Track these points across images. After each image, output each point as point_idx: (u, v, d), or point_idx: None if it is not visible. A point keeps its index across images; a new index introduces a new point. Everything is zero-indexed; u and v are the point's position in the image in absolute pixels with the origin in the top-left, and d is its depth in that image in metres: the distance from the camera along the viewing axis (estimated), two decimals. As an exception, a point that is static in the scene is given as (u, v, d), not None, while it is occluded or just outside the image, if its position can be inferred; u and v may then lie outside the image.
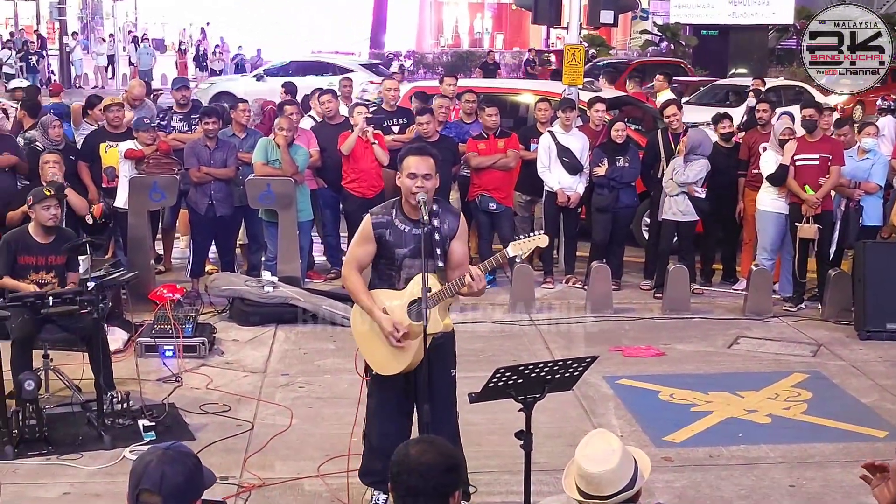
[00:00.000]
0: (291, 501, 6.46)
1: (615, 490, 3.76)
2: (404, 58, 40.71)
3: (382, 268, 5.90)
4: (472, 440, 6.53)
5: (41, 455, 6.91)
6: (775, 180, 10.54)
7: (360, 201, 10.86)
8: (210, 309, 10.30)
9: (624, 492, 3.76)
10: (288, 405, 7.96)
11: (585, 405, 7.99)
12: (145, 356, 8.80)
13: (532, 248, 5.76)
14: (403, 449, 3.56)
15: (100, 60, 39.22)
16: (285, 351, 9.31)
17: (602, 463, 3.77)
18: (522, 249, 5.72)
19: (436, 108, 11.55)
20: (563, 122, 11.35)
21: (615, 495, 3.75)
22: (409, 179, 5.70)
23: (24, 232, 8.13)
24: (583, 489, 3.80)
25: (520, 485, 5.54)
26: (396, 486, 3.48)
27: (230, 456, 7.00)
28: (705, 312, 10.63)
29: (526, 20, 51.03)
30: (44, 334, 7.74)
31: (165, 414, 7.59)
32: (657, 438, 7.40)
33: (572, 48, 12.87)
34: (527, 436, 5.26)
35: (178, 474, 3.37)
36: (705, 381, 8.63)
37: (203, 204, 10.66)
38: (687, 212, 10.97)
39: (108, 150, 10.91)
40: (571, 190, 11.25)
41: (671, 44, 36.35)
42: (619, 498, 3.76)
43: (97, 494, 6.48)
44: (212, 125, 10.64)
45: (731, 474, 6.85)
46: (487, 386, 5.17)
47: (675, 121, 11.34)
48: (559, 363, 5.30)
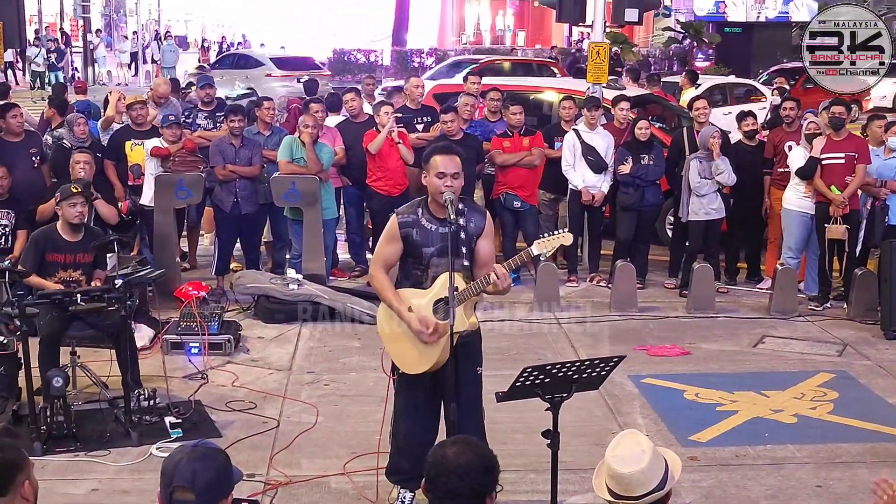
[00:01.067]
0: (318, 499, 6.47)
1: (645, 490, 3.76)
2: (426, 55, 40.73)
3: (409, 267, 5.91)
4: (497, 438, 6.53)
5: (69, 451, 6.96)
6: (805, 173, 10.47)
7: (385, 199, 10.91)
8: (235, 306, 10.33)
9: (655, 492, 3.76)
10: (313, 403, 7.99)
11: (611, 404, 7.99)
12: (171, 353, 8.83)
13: (556, 246, 5.75)
14: (440, 450, 3.55)
15: (123, 58, 39.39)
16: (310, 348, 9.34)
17: (633, 463, 3.77)
18: (547, 248, 5.71)
19: (460, 107, 11.55)
20: (588, 120, 11.34)
21: (646, 496, 3.75)
22: (436, 178, 5.70)
23: (52, 230, 8.18)
24: (613, 489, 3.80)
25: (545, 483, 5.55)
26: (433, 488, 3.48)
27: (256, 453, 7.03)
28: (730, 311, 10.60)
29: (548, 17, 51.04)
30: (71, 331, 7.80)
31: (192, 411, 7.62)
32: (683, 438, 7.39)
33: (597, 46, 12.84)
34: (554, 435, 5.27)
35: (208, 470, 3.41)
36: (731, 380, 8.61)
37: (228, 202, 10.70)
38: (719, 209, 10.95)
39: (133, 147, 10.94)
40: (596, 188, 11.24)
41: (694, 41, 36.20)
42: (650, 498, 3.76)
43: (125, 491, 6.52)
44: (237, 123, 10.68)
45: (758, 474, 6.83)
46: (514, 385, 5.17)
47: (703, 115, 11.31)
48: (586, 362, 5.30)
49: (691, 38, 36.47)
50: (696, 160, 10.90)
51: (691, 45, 36.74)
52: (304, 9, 53.28)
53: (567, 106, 11.81)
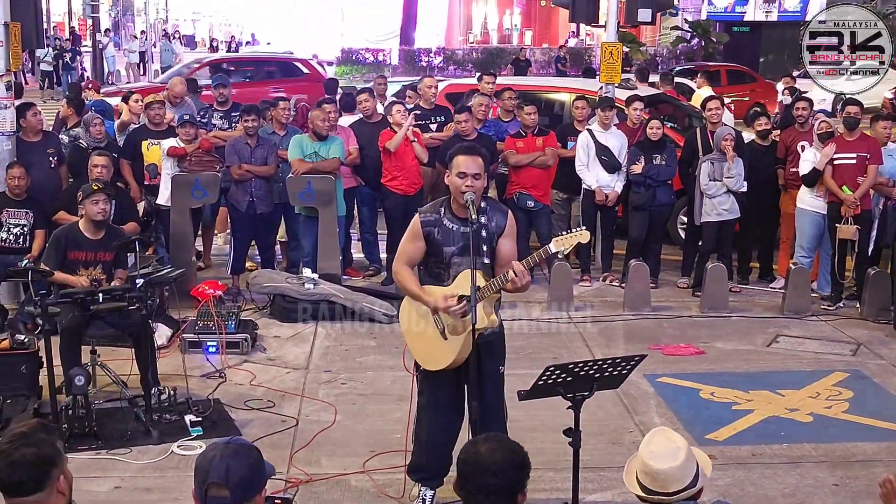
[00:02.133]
0: (339, 497, 6.52)
1: (680, 486, 3.79)
2: (434, 54, 40.76)
3: (431, 265, 5.96)
4: (515, 437, 6.38)
5: (91, 449, 7.01)
6: (808, 182, 10.56)
7: (400, 198, 10.96)
8: (251, 305, 10.39)
9: (688, 489, 3.80)
10: (331, 401, 8.03)
11: (627, 403, 8.02)
12: (189, 352, 8.88)
13: (574, 243, 5.81)
14: (472, 448, 3.58)
15: (132, 57, 39.43)
16: (326, 348, 9.38)
17: (668, 460, 3.81)
18: (565, 245, 5.77)
19: (475, 107, 11.58)
20: (602, 120, 11.37)
21: (680, 492, 3.79)
22: (458, 178, 5.76)
23: (74, 228, 8.23)
24: (647, 486, 3.83)
25: (564, 481, 5.62)
26: (466, 485, 3.50)
27: (276, 451, 7.05)
28: (744, 311, 10.63)
29: (555, 16, 51.04)
30: (91, 330, 7.86)
31: (211, 409, 7.67)
32: (700, 437, 7.41)
33: (610, 46, 12.85)
34: (575, 433, 5.32)
35: (242, 466, 3.45)
36: (746, 379, 8.64)
37: (244, 201, 10.74)
38: (732, 209, 10.97)
39: (150, 147, 10.99)
40: (609, 188, 11.27)
41: (702, 41, 36.20)
42: (684, 495, 3.80)
43: (147, 489, 6.57)
44: (251, 122, 10.72)
45: (775, 473, 6.87)
46: (537, 384, 5.22)
47: (716, 115, 11.34)
48: (608, 361, 5.34)
49: (699, 38, 36.47)
50: (709, 161, 10.93)
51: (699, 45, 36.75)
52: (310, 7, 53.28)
53: (580, 106, 11.84)
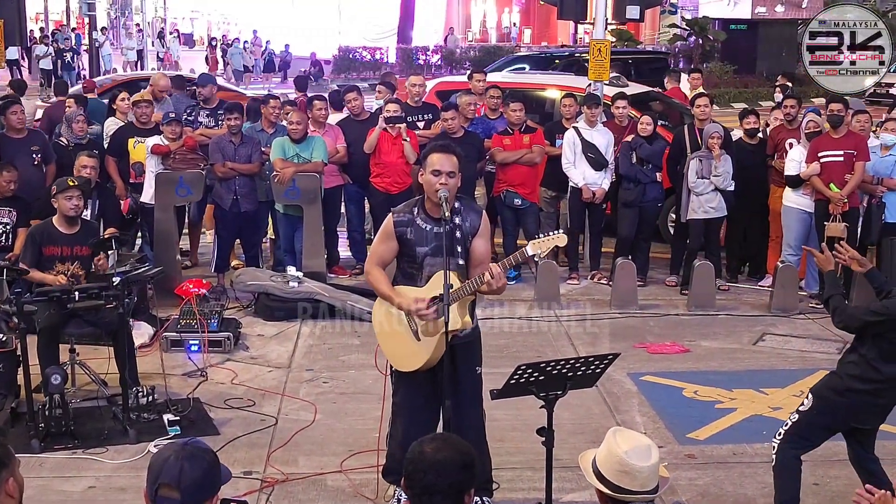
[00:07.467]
0: (315, 496, 6.48)
1: (655, 484, 3.71)
2: (431, 52, 40.67)
3: (405, 266, 5.92)
4: (494, 436, 6.54)
5: (67, 449, 6.98)
6: (791, 185, 10.53)
7: (384, 196, 10.90)
8: (235, 304, 10.35)
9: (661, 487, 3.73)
10: (312, 400, 8.00)
11: (609, 402, 7.99)
12: (171, 351, 8.85)
13: (551, 246, 5.74)
14: (418, 447, 3.53)
15: (129, 55, 39.39)
16: (310, 346, 9.34)
17: (647, 458, 3.71)
18: (541, 248, 5.70)
19: (463, 105, 11.53)
20: (588, 117, 11.32)
21: (655, 490, 3.70)
22: (432, 176, 5.70)
23: (48, 224, 8.20)
24: (624, 486, 3.68)
25: (542, 481, 5.57)
26: (412, 484, 3.45)
27: (254, 451, 7.04)
28: (731, 309, 10.59)
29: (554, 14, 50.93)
30: (70, 328, 7.80)
31: (190, 408, 7.64)
32: (681, 435, 7.39)
33: (598, 43, 12.81)
34: (548, 432, 5.27)
35: (196, 469, 3.42)
36: (730, 378, 8.60)
37: (227, 199, 10.69)
38: (719, 207, 10.93)
39: (136, 145, 10.95)
40: (596, 185, 11.22)
41: (699, 38, 36.11)
42: (660, 492, 3.74)
43: (122, 488, 6.53)
44: (234, 121, 10.66)
45: (755, 472, 6.82)
46: (509, 383, 5.18)
47: (703, 113, 11.28)
48: (581, 360, 5.30)
49: (696, 36, 36.37)
50: (697, 159, 10.88)
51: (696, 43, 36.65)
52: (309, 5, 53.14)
53: (568, 103, 11.79)
